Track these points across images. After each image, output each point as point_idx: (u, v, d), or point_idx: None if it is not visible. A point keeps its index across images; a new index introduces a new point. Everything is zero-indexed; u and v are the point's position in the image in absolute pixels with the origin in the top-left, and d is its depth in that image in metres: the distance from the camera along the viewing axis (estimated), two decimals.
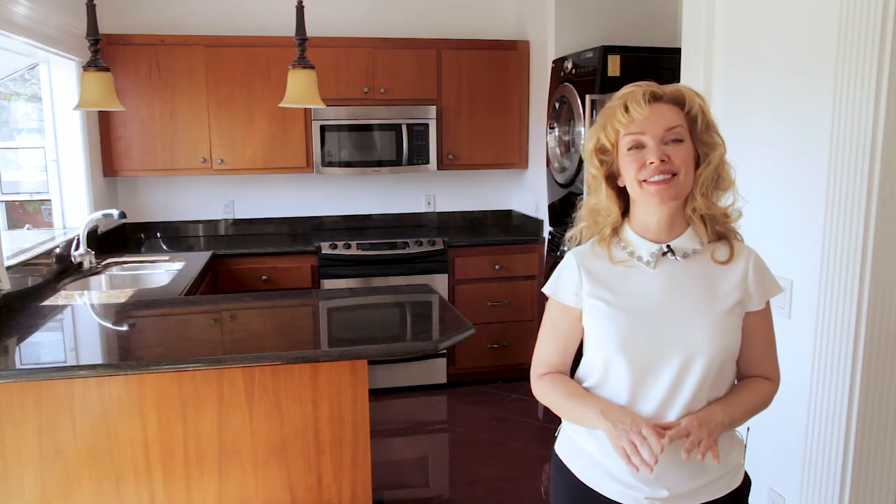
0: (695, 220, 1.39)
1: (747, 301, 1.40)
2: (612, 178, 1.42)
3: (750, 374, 1.44)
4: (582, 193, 1.52)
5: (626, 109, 1.34)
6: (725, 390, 1.40)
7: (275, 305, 2.84)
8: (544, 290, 1.50)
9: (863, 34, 1.80)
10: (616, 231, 1.44)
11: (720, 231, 1.42)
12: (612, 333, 1.38)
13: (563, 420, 1.54)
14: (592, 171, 1.43)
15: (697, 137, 1.36)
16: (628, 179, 1.37)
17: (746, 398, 1.40)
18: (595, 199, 1.45)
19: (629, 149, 1.35)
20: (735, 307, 1.38)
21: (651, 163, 1.32)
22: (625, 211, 1.44)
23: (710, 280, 1.39)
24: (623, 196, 1.43)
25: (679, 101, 1.36)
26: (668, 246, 1.40)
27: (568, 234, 1.52)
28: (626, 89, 1.38)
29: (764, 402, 1.43)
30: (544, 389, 1.49)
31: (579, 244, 1.50)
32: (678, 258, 1.40)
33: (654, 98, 1.35)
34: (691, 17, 2.56)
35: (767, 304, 1.43)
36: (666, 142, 1.33)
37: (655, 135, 1.33)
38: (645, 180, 1.34)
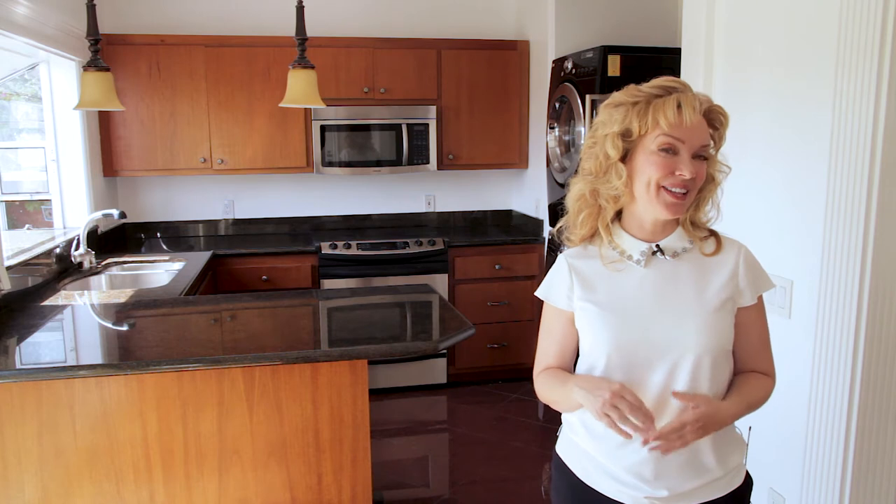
0: (686, 222, 1.41)
1: (738, 297, 1.40)
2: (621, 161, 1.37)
3: (746, 370, 1.45)
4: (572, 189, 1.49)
5: (680, 108, 1.29)
6: (724, 384, 1.40)
7: (275, 305, 2.84)
8: (538, 293, 1.51)
9: (863, 34, 1.80)
10: (608, 229, 1.43)
11: (705, 228, 1.44)
12: (605, 334, 1.38)
13: (563, 419, 1.54)
14: (610, 153, 1.36)
15: (712, 157, 1.37)
16: (643, 178, 1.34)
17: (747, 393, 1.40)
18: (599, 182, 1.40)
19: (660, 149, 1.32)
20: (726, 303, 1.38)
21: (680, 174, 1.31)
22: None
23: (700, 277, 1.39)
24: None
25: (714, 120, 1.35)
26: (658, 245, 1.40)
27: (559, 224, 1.49)
28: (672, 83, 1.32)
29: (764, 398, 1.43)
30: (540, 386, 1.50)
31: (569, 241, 1.49)
32: (668, 257, 1.40)
33: (699, 108, 1.31)
34: (691, 17, 2.56)
35: (760, 299, 1.44)
36: (695, 156, 1.32)
37: (692, 147, 1.31)
38: (664, 187, 1.33)
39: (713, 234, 1.43)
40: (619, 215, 1.45)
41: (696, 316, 1.36)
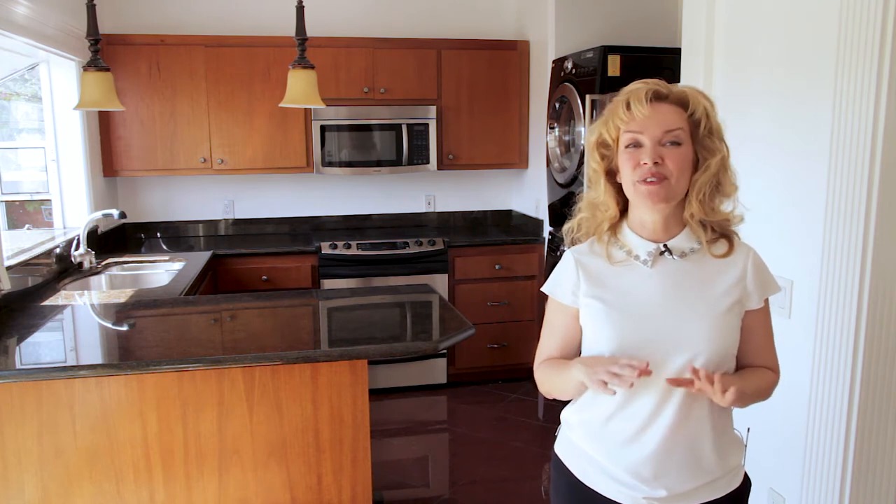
0: (692, 223, 1.38)
1: (746, 300, 1.39)
2: (611, 173, 1.42)
3: (750, 366, 1.44)
4: (583, 193, 1.52)
5: (628, 107, 1.34)
6: None
7: (275, 305, 2.84)
8: (543, 289, 1.51)
9: (863, 34, 1.80)
10: (614, 230, 1.44)
11: (719, 231, 1.41)
12: (609, 333, 1.38)
13: (562, 418, 1.54)
14: (593, 165, 1.43)
15: (699, 142, 1.35)
16: (624, 178, 1.37)
17: (755, 379, 1.39)
18: (595, 192, 1.44)
19: (626, 146, 1.35)
20: (733, 306, 1.38)
21: (644, 163, 1.32)
22: (624, 209, 1.44)
23: (707, 279, 1.38)
24: (620, 192, 1.42)
25: (683, 103, 1.35)
26: (665, 245, 1.40)
27: (565, 227, 1.51)
28: (633, 86, 1.37)
29: (768, 389, 1.42)
30: (540, 375, 1.50)
31: (573, 243, 1.50)
32: (675, 257, 1.39)
33: (658, 97, 1.34)
34: (691, 17, 2.56)
35: (766, 301, 1.43)
36: (663, 143, 1.32)
37: (653, 135, 1.32)
38: (638, 180, 1.34)
39: (726, 236, 1.41)
40: (625, 216, 1.44)
41: (702, 319, 1.35)
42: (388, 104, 4.35)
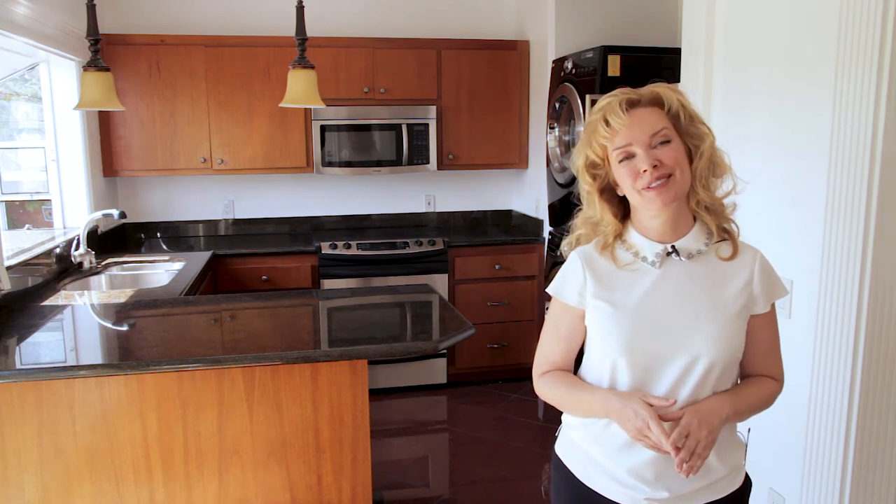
0: (700, 212, 1.39)
1: (753, 304, 1.39)
2: (606, 190, 1.42)
3: (754, 374, 1.44)
4: (580, 209, 1.52)
5: (607, 123, 1.34)
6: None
7: (275, 305, 2.84)
8: (549, 290, 1.50)
9: (863, 34, 1.80)
10: (619, 235, 1.43)
11: (722, 227, 1.41)
12: (616, 336, 1.37)
13: (563, 419, 1.54)
14: (586, 187, 1.43)
15: (684, 132, 1.36)
16: (627, 190, 1.37)
17: (752, 394, 1.40)
18: (591, 211, 1.45)
19: (620, 161, 1.35)
20: (741, 311, 1.37)
21: (644, 171, 1.32)
22: (626, 213, 1.44)
23: (715, 283, 1.38)
24: (621, 203, 1.43)
25: (657, 102, 1.36)
26: (673, 246, 1.39)
27: (564, 244, 1.52)
28: (604, 101, 1.37)
29: (768, 401, 1.42)
30: (546, 386, 1.48)
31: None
32: (683, 258, 1.39)
33: (632, 105, 1.35)
34: (691, 17, 2.56)
35: (772, 305, 1.43)
36: (654, 146, 1.33)
37: (642, 142, 1.33)
38: (643, 188, 1.34)
39: (730, 235, 1.42)
40: (628, 219, 1.44)
41: (711, 322, 1.35)
42: (388, 104, 4.35)
